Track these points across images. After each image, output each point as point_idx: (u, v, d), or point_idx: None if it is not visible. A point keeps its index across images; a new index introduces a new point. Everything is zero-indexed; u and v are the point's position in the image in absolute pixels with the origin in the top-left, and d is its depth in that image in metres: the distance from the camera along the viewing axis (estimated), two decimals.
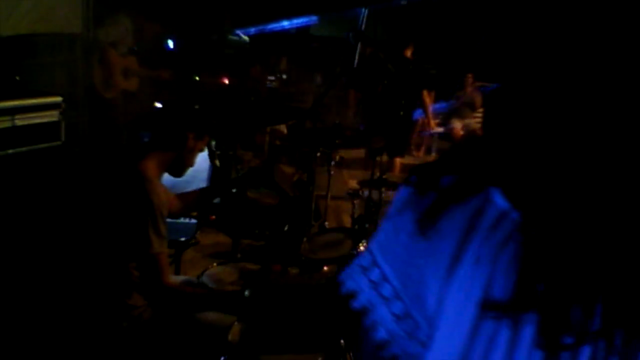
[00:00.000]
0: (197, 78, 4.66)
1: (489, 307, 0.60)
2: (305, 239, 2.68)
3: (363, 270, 0.69)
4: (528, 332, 0.58)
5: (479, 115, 6.39)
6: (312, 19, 7.18)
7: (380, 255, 0.69)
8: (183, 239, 2.71)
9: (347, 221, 3.85)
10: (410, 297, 0.66)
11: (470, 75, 6.41)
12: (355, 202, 3.62)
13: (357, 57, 3.24)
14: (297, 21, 7.30)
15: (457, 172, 0.66)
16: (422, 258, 0.65)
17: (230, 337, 1.79)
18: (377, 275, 0.68)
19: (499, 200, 0.61)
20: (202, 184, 3.03)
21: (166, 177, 2.11)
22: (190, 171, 2.19)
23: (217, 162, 2.75)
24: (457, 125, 6.44)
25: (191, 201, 2.33)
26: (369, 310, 0.68)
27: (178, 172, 2.13)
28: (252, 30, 6.92)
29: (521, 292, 0.59)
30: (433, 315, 0.64)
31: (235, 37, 6.66)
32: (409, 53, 5.21)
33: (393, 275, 0.67)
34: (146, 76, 4.66)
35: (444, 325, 0.63)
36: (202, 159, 2.83)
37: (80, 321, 2.09)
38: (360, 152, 5.50)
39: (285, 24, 7.11)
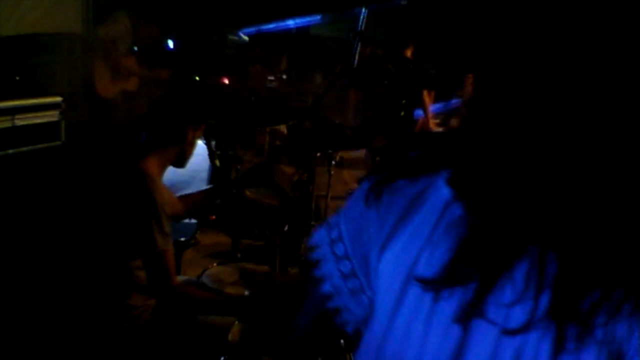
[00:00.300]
0: (197, 78, 4.65)
1: (415, 279, 0.63)
2: (305, 239, 2.68)
3: (328, 228, 0.76)
4: (448, 309, 0.61)
5: None
6: (315, 18, 7.15)
7: (343, 217, 0.75)
8: (183, 239, 2.71)
9: None
10: (358, 260, 0.71)
11: (470, 75, 6.39)
12: None
13: (357, 57, 3.24)
14: (300, 21, 7.29)
15: (418, 151, 0.69)
16: (370, 224, 0.69)
17: (230, 337, 1.79)
18: (335, 234, 0.74)
19: (444, 186, 0.64)
20: (202, 183, 3.03)
21: (166, 178, 2.11)
22: (190, 171, 2.19)
23: (217, 162, 2.75)
24: (457, 125, 6.42)
25: (195, 203, 2.33)
26: (321, 263, 0.74)
27: (181, 163, 2.15)
28: (253, 30, 6.91)
29: (449, 271, 0.61)
30: (373, 281, 0.69)
31: (235, 37, 6.65)
32: (409, 53, 5.21)
33: (347, 236, 0.73)
34: (146, 76, 4.65)
35: (378, 292, 0.68)
36: (202, 159, 2.83)
37: (80, 321, 2.09)
38: (360, 152, 5.50)
39: (290, 23, 7.09)
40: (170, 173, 2.13)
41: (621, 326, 0.56)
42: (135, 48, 4.64)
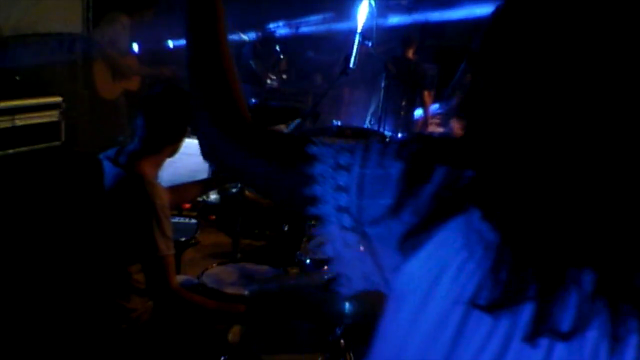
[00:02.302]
0: None
1: (469, 304, 0.62)
2: (305, 239, 2.67)
3: (337, 189, 0.73)
4: (503, 327, 0.61)
5: None
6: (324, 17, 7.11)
7: (357, 190, 0.71)
8: (183, 239, 2.71)
9: None
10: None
11: (470, 75, 6.36)
12: None
13: (356, 57, 3.24)
14: (305, 20, 7.27)
15: (450, 165, 0.69)
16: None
17: (230, 337, 1.79)
18: (344, 201, 0.72)
19: (477, 219, 0.63)
20: None
21: (166, 178, 2.11)
22: (190, 171, 2.19)
23: None
24: (457, 125, 6.41)
25: (186, 194, 2.32)
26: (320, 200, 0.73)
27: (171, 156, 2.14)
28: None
29: (503, 293, 0.60)
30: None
31: (234, 37, 6.64)
32: (409, 53, 5.21)
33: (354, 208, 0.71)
34: (147, 74, 4.65)
35: (398, 286, 0.68)
36: (202, 159, 2.82)
37: (79, 324, 2.09)
38: None
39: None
40: (171, 173, 2.13)
41: None
42: (135, 47, 4.63)
